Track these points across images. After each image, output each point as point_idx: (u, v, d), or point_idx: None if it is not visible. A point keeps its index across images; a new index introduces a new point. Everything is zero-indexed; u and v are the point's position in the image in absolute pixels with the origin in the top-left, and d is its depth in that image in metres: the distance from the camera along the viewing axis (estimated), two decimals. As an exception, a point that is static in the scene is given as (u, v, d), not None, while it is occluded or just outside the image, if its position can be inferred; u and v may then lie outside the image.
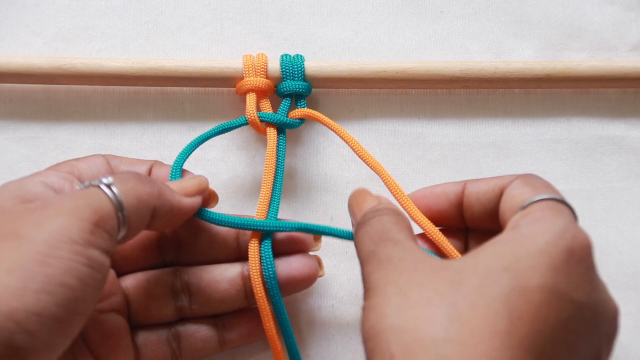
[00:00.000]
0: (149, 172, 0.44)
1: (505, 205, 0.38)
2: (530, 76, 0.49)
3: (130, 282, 0.43)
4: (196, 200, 0.42)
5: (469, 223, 0.42)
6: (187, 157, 0.45)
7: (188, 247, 0.44)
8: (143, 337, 0.43)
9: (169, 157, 0.49)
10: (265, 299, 0.43)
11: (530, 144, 0.51)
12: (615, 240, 0.50)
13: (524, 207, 0.36)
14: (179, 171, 0.44)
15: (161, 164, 0.45)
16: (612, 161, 0.51)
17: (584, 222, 0.50)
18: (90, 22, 0.51)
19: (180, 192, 0.41)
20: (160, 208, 0.39)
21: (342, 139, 0.47)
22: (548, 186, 0.38)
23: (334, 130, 0.47)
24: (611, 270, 0.50)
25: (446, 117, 0.51)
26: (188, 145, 0.45)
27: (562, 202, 0.37)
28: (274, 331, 0.43)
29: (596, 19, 0.52)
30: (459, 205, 0.42)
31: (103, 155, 0.43)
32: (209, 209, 0.44)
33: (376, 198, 0.41)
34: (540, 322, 0.31)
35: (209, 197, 0.44)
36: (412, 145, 0.51)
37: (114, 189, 0.36)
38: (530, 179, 0.38)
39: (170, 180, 0.43)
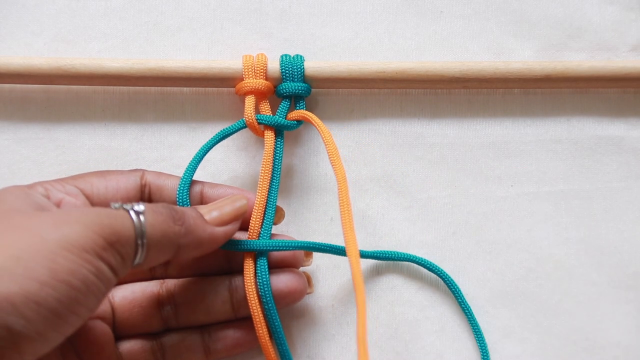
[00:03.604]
0: (201, 194, 0.45)
1: None
2: (530, 76, 0.49)
3: (117, 293, 0.43)
4: (231, 229, 0.42)
5: None
6: (193, 174, 0.45)
7: (177, 263, 0.45)
8: (128, 346, 0.43)
9: (169, 158, 0.49)
10: (261, 318, 0.43)
11: (530, 144, 0.51)
12: (615, 240, 0.50)
13: None
14: (186, 188, 0.44)
15: (211, 185, 0.45)
16: (612, 161, 0.51)
17: (584, 222, 0.50)
18: (90, 22, 0.51)
19: (216, 221, 0.41)
20: (187, 245, 0.39)
21: (324, 142, 0.45)
22: None
23: (320, 133, 0.46)
24: (611, 270, 0.50)
25: (446, 117, 0.51)
26: (192, 161, 0.45)
27: None
28: (272, 355, 0.44)
29: (596, 19, 0.52)
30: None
31: (143, 173, 0.44)
32: None
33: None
34: None
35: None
36: (412, 146, 0.51)
37: (142, 218, 0.36)
38: None
39: (178, 202, 0.43)
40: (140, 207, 0.37)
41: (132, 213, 0.36)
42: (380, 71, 0.49)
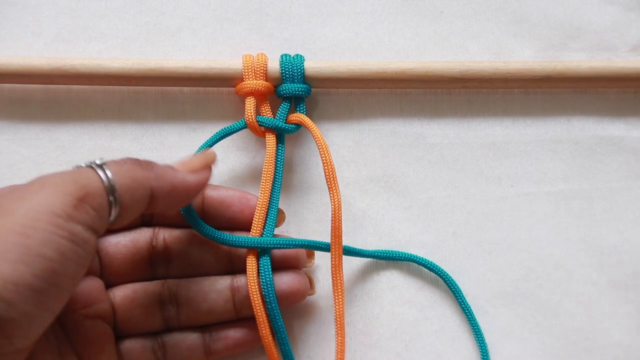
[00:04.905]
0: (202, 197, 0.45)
1: None
2: (530, 76, 0.49)
3: (118, 292, 0.43)
4: (203, 176, 0.41)
5: None
6: None
7: (179, 262, 0.45)
8: (128, 345, 0.43)
9: (169, 158, 0.49)
10: (264, 317, 0.43)
11: (530, 144, 0.51)
12: (615, 240, 0.50)
13: None
14: None
15: (212, 187, 0.45)
16: (612, 161, 0.51)
17: (584, 222, 0.50)
18: (90, 22, 0.51)
19: (184, 169, 0.40)
20: (160, 189, 0.38)
21: (320, 153, 0.45)
22: None
23: (316, 142, 0.46)
24: (611, 271, 0.50)
25: (446, 117, 0.51)
26: None
27: None
28: (275, 355, 0.44)
29: (596, 19, 0.52)
30: None
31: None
32: (209, 226, 0.44)
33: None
34: None
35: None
36: (412, 146, 0.51)
37: (105, 168, 0.36)
38: None
39: None
40: (101, 159, 0.37)
41: (94, 166, 0.36)
42: (380, 71, 0.49)
